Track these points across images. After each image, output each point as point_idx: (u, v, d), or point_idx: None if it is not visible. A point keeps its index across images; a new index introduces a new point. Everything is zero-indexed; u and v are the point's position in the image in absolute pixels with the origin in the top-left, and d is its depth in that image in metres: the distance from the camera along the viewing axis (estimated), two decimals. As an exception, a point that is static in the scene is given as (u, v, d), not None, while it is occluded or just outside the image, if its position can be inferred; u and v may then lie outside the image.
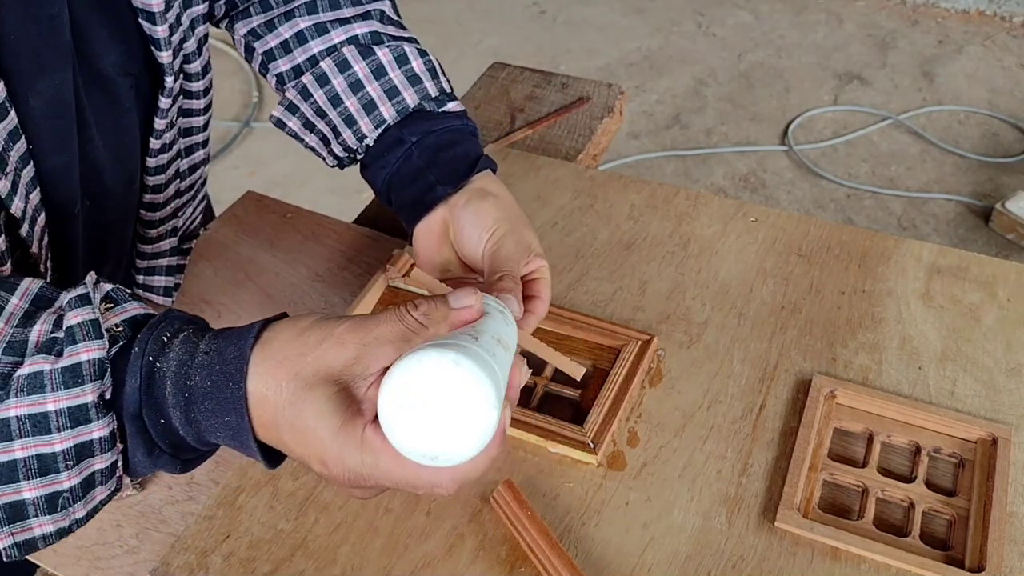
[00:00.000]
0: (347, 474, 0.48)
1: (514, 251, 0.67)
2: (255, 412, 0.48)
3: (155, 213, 0.82)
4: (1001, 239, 2.33)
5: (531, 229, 0.70)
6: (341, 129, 0.77)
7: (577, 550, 0.65)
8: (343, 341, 0.48)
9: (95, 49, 0.67)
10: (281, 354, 0.48)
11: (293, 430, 0.48)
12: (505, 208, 0.70)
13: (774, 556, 0.64)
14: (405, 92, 0.75)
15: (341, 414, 0.47)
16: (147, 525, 0.71)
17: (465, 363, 0.44)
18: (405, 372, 0.44)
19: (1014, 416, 0.73)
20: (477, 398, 0.44)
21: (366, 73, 0.76)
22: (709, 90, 2.93)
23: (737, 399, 0.74)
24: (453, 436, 0.45)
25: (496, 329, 0.51)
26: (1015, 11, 3.15)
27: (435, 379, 0.44)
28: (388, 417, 0.45)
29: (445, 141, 0.75)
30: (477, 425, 0.44)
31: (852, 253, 0.87)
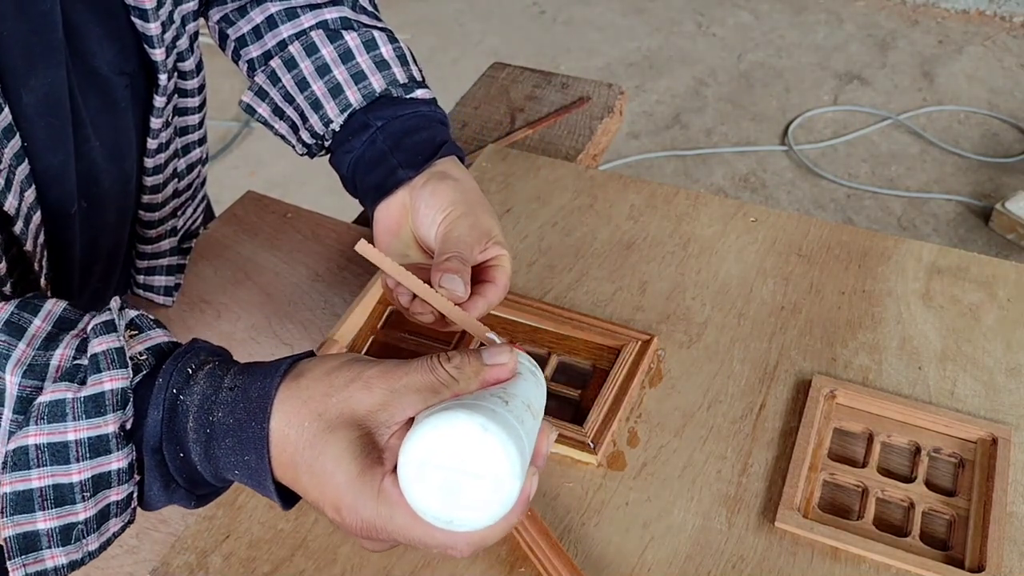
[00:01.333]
0: (360, 524, 0.47)
1: (467, 234, 0.65)
2: (275, 451, 0.48)
3: (154, 213, 0.82)
4: (1001, 239, 2.33)
5: (493, 216, 0.68)
6: (308, 114, 0.76)
7: (577, 550, 0.65)
8: (371, 386, 0.47)
9: (89, 48, 0.67)
10: (307, 393, 0.47)
11: (311, 473, 0.47)
12: (463, 192, 0.68)
13: (774, 556, 0.64)
14: (372, 77, 0.74)
15: (360, 461, 0.46)
16: (147, 525, 0.71)
17: (493, 428, 0.43)
18: (431, 430, 0.43)
19: (1014, 416, 0.73)
20: (501, 467, 0.43)
21: (333, 57, 0.75)
22: (709, 90, 2.93)
23: (737, 399, 0.74)
24: (472, 503, 0.44)
25: (527, 394, 0.49)
26: (1015, 11, 3.15)
27: (460, 441, 0.43)
28: (407, 474, 0.44)
29: (411, 126, 0.73)
30: (498, 495, 0.43)
31: (852, 253, 0.87)
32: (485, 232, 0.66)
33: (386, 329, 0.80)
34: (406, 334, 0.80)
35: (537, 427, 0.49)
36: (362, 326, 0.80)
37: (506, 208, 0.93)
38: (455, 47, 3.21)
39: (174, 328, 0.85)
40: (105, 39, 0.68)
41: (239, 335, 0.85)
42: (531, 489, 0.47)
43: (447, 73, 3.04)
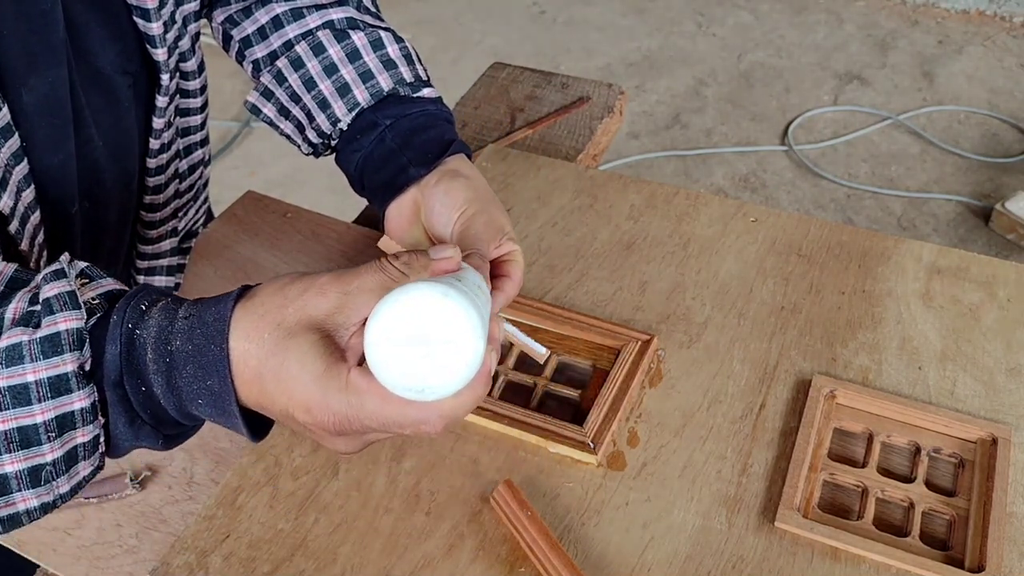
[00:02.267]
0: (332, 419, 0.48)
1: (483, 231, 0.66)
2: (237, 369, 0.48)
3: (155, 214, 0.82)
4: (1001, 239, 2.33)
5: (504, 213, 0.69)
6: (315, 113, 0.76)
7: (577, 550, 0.65)
8: (325, 291, 0.48)
9: (92, 48, 0.67)
10: (263, 308, 0.48)
11: (277, 379, 0.48)
12: (476, 189, 0.69)
13: (774, 556, 0.64)
14: (380, 76, 0.75)
15: (325, 359, 0.47)
16: (147, 525, 0.71)
17: (452, 294, 0.45)
18: (393, 304, 0.45)
19: (1014, 416, 0.73)
20: (464, 329, 0.45)
21: (341, 57, 0.75)
22: (709, 90, 2.93)
23: (737, 399, 0.74)
24: (439, 369, 0.45)
25: (475, 279, 0.53)
26: (1015, 11, 3.15)
27: (422, 310, 0.45)
28: (374, 350, 0.45)
29: (419, 124, 0.74)
30: (463, 356, 0.45)
31: (852, 253, 0.87)
32: (499, 228, 0.67)
33: (386, 329, 0.80)
34: (406, 334, 0.80)
35: (489, 308, 0.51)
36: (362, 326, 0.80)
37: (506, 208, 0.93)
38: (455, 47, 3.21)
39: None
40: (108, 39, 0.68)
41: (239, 335, 0.85)
42: (491, 364, 0.49)
43: (447, 73, 3.04)
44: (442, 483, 0.69)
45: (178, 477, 0.74)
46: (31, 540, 0.70)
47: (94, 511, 0.72)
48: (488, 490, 0.68)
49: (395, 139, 0.73)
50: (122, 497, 0.72)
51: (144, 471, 0.74)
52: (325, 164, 0.80)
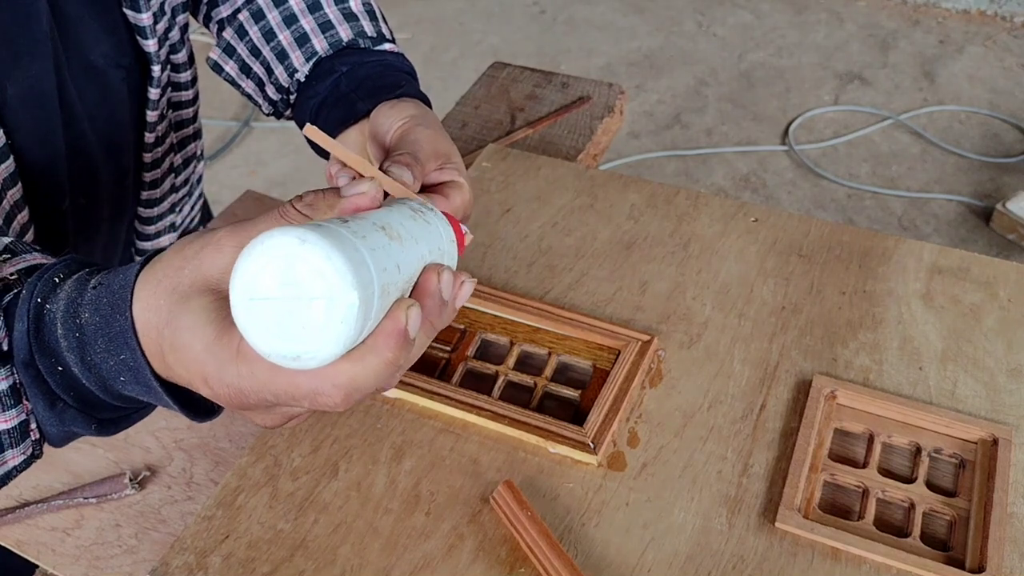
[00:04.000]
0: (228, 391, 0.43)
1: (425, 141, 0.59)
2: (144, 342, 0.44)
3: (152, 209, 0.82)
4: (1002, 239, 2.33)
5: (454, 148, 0.62)
6: (274, 66, 0.75)
7: (577, 550, 0.64)
8: (221, 246, 0.43)
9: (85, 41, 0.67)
10: (161, 272, 0.44)
11: (174, 350, 0.43)
12: (425, 113, 0.64)
13: (774, 557, 0.64)
14: (340, 27, 0.73)
15: (216, 325, 0.42)
16: (146, 525, 0.71)
17: (312, 238, 0.37)
18: (249, 257, 0.38)
19: (1015, 417, 0.72)
20: (329, 278, 0.37)
21: (301, 7, 0.74)
22: (710, 90, 2.93)
23: (737, 399, 0.74)
24: (312, 330, 0.38)
25: (385, 217, 0.43)
26: (1016, 11, 3.15)
27: (280, 262, 0.38)
28: (238, 315, 0.39)
29: (376, 72, 0.71)
30: (335, 312, 0.38)
31: (853, 253, 0.87)
32: (444, 152, 0.60)
33: (386, 329, 0.80)
34: (406, 334, 0.80)
35: (405, 254, 0.43)
36: (362, 326, 0.80)
37: (506, 208, 0.93)
38: (455, 47, 3.21)
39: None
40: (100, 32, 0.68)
41: (239, 335, 0.85)
42: (409, 324, 0.41)
43: (447, 73, 3.03)
44: (442, 483, 0.69)
45: (177, 477, 0.74)
46: (30, 540, 0.70)
47: (93, 511, 0.72)
48: (488, 490, 0.68)
49: (350, 84, 0.70)
50: (121, 497, 0.72)
51: (143, 471, 0.74)
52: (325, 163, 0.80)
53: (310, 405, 0.43)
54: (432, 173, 0.59)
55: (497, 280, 0.85)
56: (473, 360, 0.77)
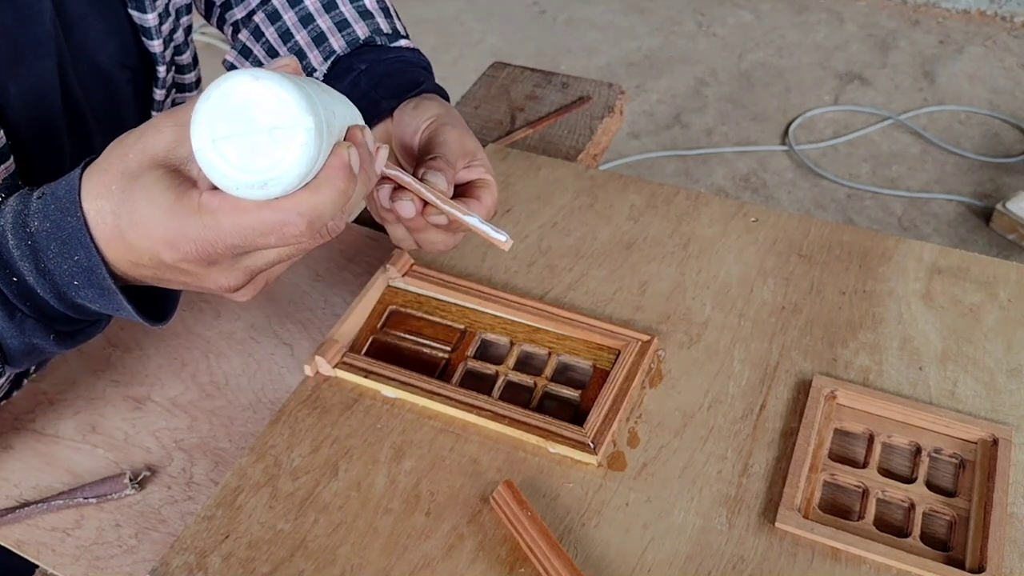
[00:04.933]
0: (194, 246, 0.46)
1: (453, 141, 0.63)
2: (98, 231, 0.47)
3: None
4: (1002, 239, 2.33)
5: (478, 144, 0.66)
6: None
7: (577, 550, 0.64)
8: (160, 127, 0.47)
9: (91, 42, 0.67)
10: (105, 164, 0.47)
11: (133, 224, 0.47)
12: (449, 110, 0.67)
13: (774, 557, 0.64)
14: (356, 25, 0.74)
15: (173, 190, 0.46)
16: (146, 525, 0.71)
17: (264, 74, 0.43)
18: (208, 99, 0.43)
19: (1015, 417, 0.72)
20: (285, 106, 0.43)
21: (316, 7, 0.75)
22: (710, 90, 2.93)
23: (737, 399, 0.74)
24: (276, 156, 0.43)
25: (321, 87, 0.48)
26: (1016, 11, 3.15)
27: (238, 100, 0.43)
28: (203, 155, 0.44)
29: (395, 69, 0.72)
30: (295, 137, 0.43)
31: (853, 253, 0.87)
32: (471, 150, 0.64)
33: (386, 329, 0.80)
34: (406, 334, 0.80)
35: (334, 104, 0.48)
36: (362, 326, 0.80)
37: (506, 208, 0.93)
38: (455, 47, 3.21)
39: (174, 326, 0.85)
40: (105, 33, 0.68)
41: (239, 335, 0.85)
42: (352, 161, 0.47)
43: (447, 73, 3.03)
44: (442, 483, 0.69)
45: (177, 477, 0.74)
46: (30, 540, 0.70)
47: (93, 511, 0.72)
48: (488, 490, 0.68)
49: (369, 82, 0.71)
50: (121, 497, 0.72)
51: (143, 472, 0.74)
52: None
53: (277, 240, 0.46)
54: (460, 172, 0.62)
55: (497, 280, 0.85)
56: (473, 360, 0.77)
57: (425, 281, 0.82)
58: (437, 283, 0.82)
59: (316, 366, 0.76)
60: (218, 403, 0.79)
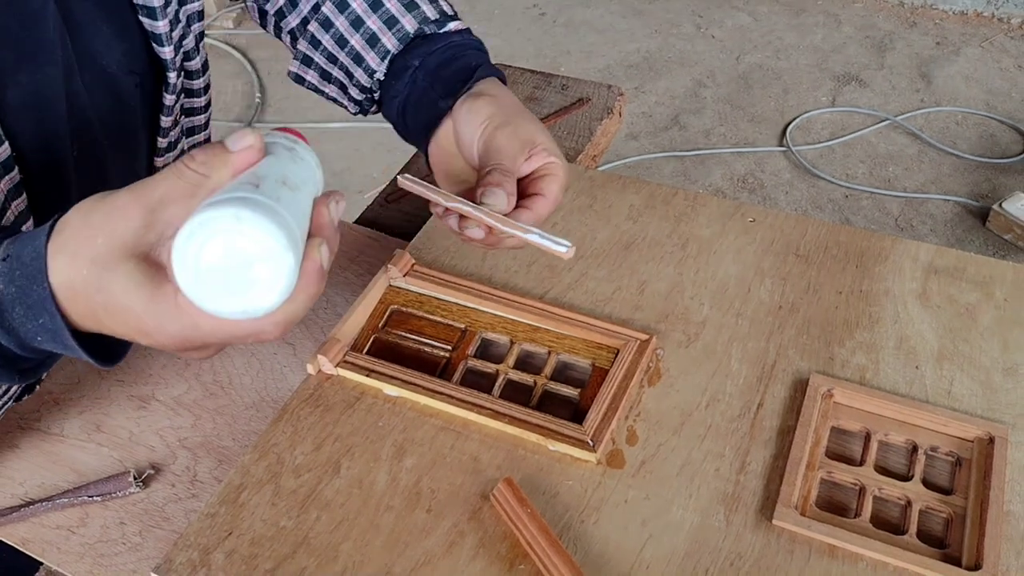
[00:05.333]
0: (171, 340, 0.48)
1: (507, 144, 0.64)
2: (68, 305, 0.48)
3: None
4: (998, 239, 2.34)
5: (536, 124, 0.66)
6: (352, 70, 0.76)
7: (576, 547, 0.65)
8: (127, 213, 0.47)
9: (98, 48, 0.68)
10: (74, 244, 0.47)
11: (109, 312, 0.47)
12: (500, 105, 0.68)
13: (771, 554, 0.65)
14: (403, 19, 0.75)
15: (148, 286, 0.46)
16: (150, 522, 0.71)
17: (246, 215, 0.43)
18: (190, 239, 0.43)
19: (1011, 415, 0.73)
20: (267, 245, 0.44)
21: (363, 8, 0.76)
22: (708, 91, 2.94)
23: (735, 398, 0.75)
24: (258, 288, 0.45)
25: (280, 170, 0.49)
26: (1013, 13, 3.16)
27: (221, 239, 0.43)
28: (186, 286, 0.44)
29: (446, 58, 0.74)
30: (277, 272, 0.44)
31: (850, 253, 0.87)
32: (527, 140, 0.65)
33: (387, 328, 0.81)
34: (407, 333, 0.80)
35: (303, 200, 0.49)
36: (364, 326, 0.80)
37: (506, 208, 0.93)
38: (454, 48, 3.21)
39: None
40: (114, 38, 0.69)
41: (241, 334, 0.85)
42: (323, 260, 0.48)
43: (446, 74, 3.03)
44: (443, 481, 0.69)
45: (181, 475, 0.74)
46: (35, 538, 0.71)
47: (98, 509, 0.72)
48: (488, 488, 0.68)
49: (425, 78, 0.73)
50: (125, 495, 0.73)
51: (148, 470, 0.75)
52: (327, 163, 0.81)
53: (252, 340, 0.48)
54: (522, 166, 0.63)
55: (497, 280, 0.85)
56: (473, 359, 0.78)
57: (426, 281, 0.83)
58: (438, 283, 0.82)
59: (318, 365, 0.77)
60: (221, 402, 0.80)
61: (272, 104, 2.96)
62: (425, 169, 0.76)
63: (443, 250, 0.89)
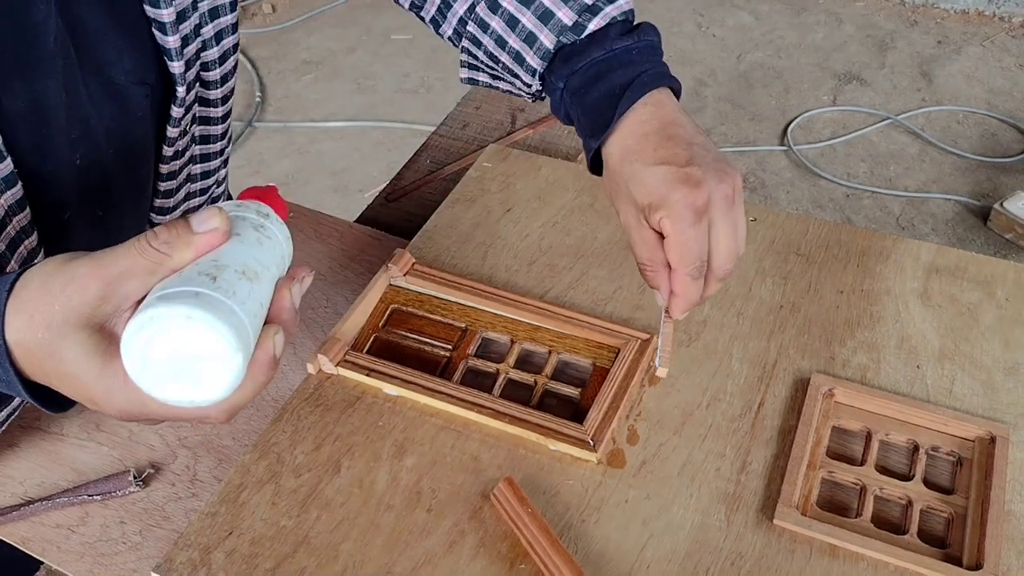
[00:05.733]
0: (118, 411, 0.48)
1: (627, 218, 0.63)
2: (22, 363, 0.49)
3: (164, 216, 0.83)
4: (999, 239, 2.34)
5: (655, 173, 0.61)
6: (517, 71, 0.73)
7: (577, 547, 0.65)
8: (86, 285, 0.47)
9: (107, 58, 0.67)
10: (31, 307, 0.48)
11: (59, 377, 0.48)
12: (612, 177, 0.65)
13: (772, 553, 0.64)
14: (541, 35, 0.70)
15: (99, 358, 0.47)
16: (150, 522, 0.71)
17: (197, 314, 0.43)
18: (139, 331, 0.44)
19: (1012, 415, 0.73)
20: (217, 346, 0.44)
21: (503, 28, 0.72)
22: (709, 90, 2.94)
23: (736, 397, 0.75)
24: (202, 384, 0.45)
25: (242, 258, 0.48)
26: (1014, 11, 3.16)
27: (170, 335, 0.44)
28: (134, 374, 0.45)
29: (588, 78, 0.68)
30: (226, 370, 0.45)
31: (851, 252, 0.87)
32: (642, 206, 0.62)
33: (388, 328, 0.81)
34: (408, 333, 0.80)
35: (263, 289, 0.49)
36: (364, 325, 0.80)
37: (507, 208, 0.93)
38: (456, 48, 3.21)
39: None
40: (125, 50, 0.68)
41: (241, 334, 0.85)
42: (276, 350, 0.48)
43: (449, 73, 3.04)
44: (443, 480, 0.69)
45: (181, 475, 0.74)
46: (35, 537, 0.71)
47: (98, 508, 0.72)
48: (489, 487, 0.68)
49: (572, 104, 0.69)
50: (125, 495, 0.73)
51: (148, 469, 0.75)
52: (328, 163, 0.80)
53: (196, 422, 0.50)
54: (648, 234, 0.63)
55: (498, 279, 0.85)
56: (474, 358, 0.78)
57: (426, 280, 0.83)
58: (438, 282, 0.82)
59: (319, 364, 0.77)
60: (221, 401, 0.80)
61: (272, 103, 2.95)
62: (425, 169, 0.75)
63: (443, 249, 0.89)
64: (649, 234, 0.63)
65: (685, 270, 0.62)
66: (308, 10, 3.41)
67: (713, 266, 0.63)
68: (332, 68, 3.12)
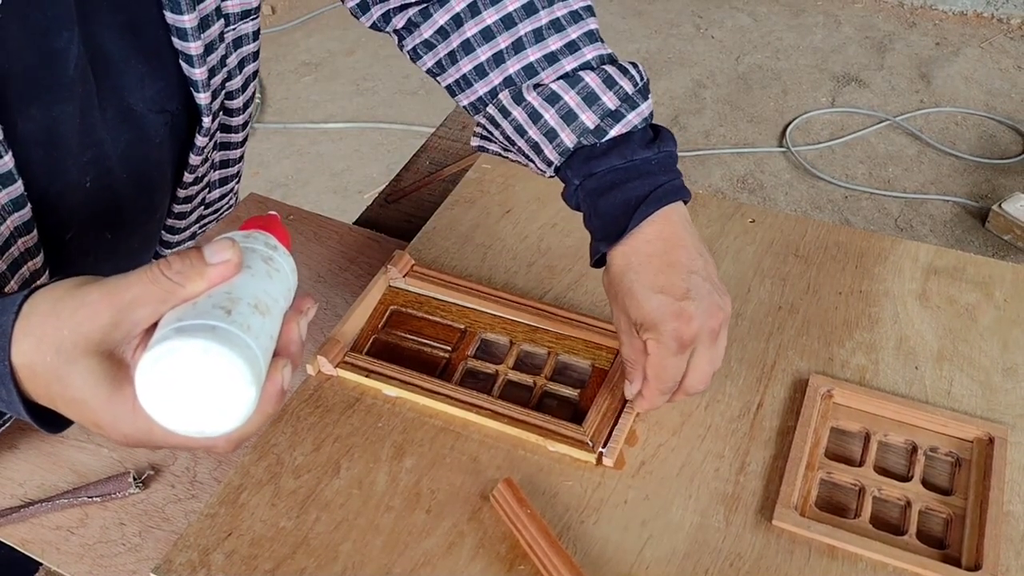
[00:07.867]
0: (123, 437, 0.48)
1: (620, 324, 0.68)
2: (28, 385, 0.49)
3: (174, 236, 0.84)
4: (998, 240, 2.34)
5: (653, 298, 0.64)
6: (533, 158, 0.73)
7: (576, 548, 0.65)
8: (97, 311, 0.47)
9: (126, 85, 0.67)
10: (40, 330, 0.48)
11: (66, 402, 0.48)
12: (613, 282, 0.68)
13: (771, 554, 0.65)
14: (562, 133, 0.69)
15: (108, 384, 0.47)
16: (150, 523, 0.71)
17: (214, 348, 0.44)
18: (156, 363, 0.44)
19: (1010, 416, 0.73)
20: (231, 381, 0.44)
21: (525, 119, 0.71)
22: (707, 92, 2.94)
23: (735, 398, 0.75)
24: (214, 415, 0.45)
25: (254, 291, 0.49)
26: (1012, 13, 3.16)
27: (185, 367, 0.44)
28: (147, 405, 0.45)
29: (605, 184, 0.68)
30: (236, 404, 0.45)
31: (849, 254, 0.87)
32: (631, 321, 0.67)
33: (387, 329, 0.81)
34: (407, 334, 0.80)
35: (273, 322, 0.49)
36: (363, 326, 0.80)
37: (506, 209, 0.93)
38: (454, 49, 3.21)
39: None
40: (147, 77, 0.68)
41: (240, 335, 0.85)
42: (284, 382, 0.48)
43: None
44: (442, 481, 0.69)
45: (181, 476, 0.74)
46: (35, 539, 0.71)
47: (97, 510, 0.72)
48: (488, 488, 0.68)
49: (585, 202, 0.69)
50: (125, 496, 0.73)
51: (147, 470, 0.75)
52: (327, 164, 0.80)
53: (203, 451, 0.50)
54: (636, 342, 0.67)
55: (497, 280, 0.85)
56: (473, 359, 0.78)
57: (426, 281, 0.83)
58: (438, 283, 0.83)
59: (318, 365, 0.77)
60: (220, 402, 0.80)
61: (272, 104, 2.96)
62: (424, 171, 0.75)
63: (443, 251, 0.89)
64: (637, 342, 0.67)
65: (658, 388, 0.67)
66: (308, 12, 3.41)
67: (685, 385, 0.67)
68: (332, 69, 3.13)
